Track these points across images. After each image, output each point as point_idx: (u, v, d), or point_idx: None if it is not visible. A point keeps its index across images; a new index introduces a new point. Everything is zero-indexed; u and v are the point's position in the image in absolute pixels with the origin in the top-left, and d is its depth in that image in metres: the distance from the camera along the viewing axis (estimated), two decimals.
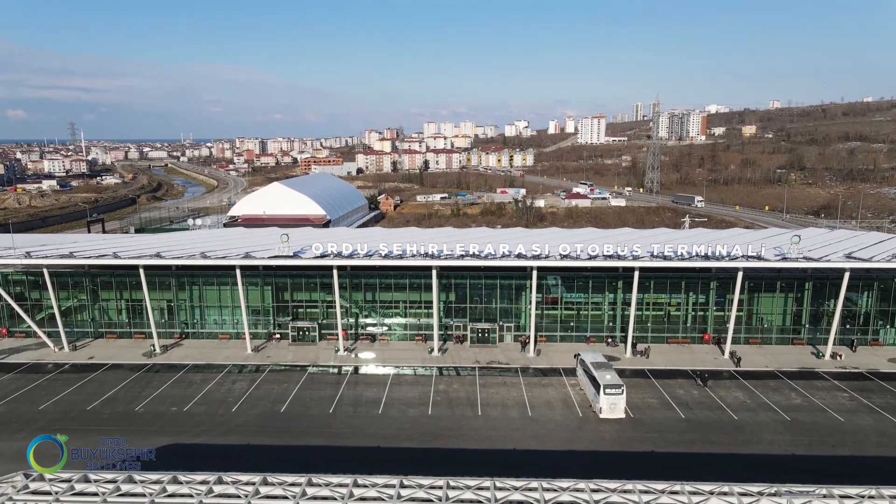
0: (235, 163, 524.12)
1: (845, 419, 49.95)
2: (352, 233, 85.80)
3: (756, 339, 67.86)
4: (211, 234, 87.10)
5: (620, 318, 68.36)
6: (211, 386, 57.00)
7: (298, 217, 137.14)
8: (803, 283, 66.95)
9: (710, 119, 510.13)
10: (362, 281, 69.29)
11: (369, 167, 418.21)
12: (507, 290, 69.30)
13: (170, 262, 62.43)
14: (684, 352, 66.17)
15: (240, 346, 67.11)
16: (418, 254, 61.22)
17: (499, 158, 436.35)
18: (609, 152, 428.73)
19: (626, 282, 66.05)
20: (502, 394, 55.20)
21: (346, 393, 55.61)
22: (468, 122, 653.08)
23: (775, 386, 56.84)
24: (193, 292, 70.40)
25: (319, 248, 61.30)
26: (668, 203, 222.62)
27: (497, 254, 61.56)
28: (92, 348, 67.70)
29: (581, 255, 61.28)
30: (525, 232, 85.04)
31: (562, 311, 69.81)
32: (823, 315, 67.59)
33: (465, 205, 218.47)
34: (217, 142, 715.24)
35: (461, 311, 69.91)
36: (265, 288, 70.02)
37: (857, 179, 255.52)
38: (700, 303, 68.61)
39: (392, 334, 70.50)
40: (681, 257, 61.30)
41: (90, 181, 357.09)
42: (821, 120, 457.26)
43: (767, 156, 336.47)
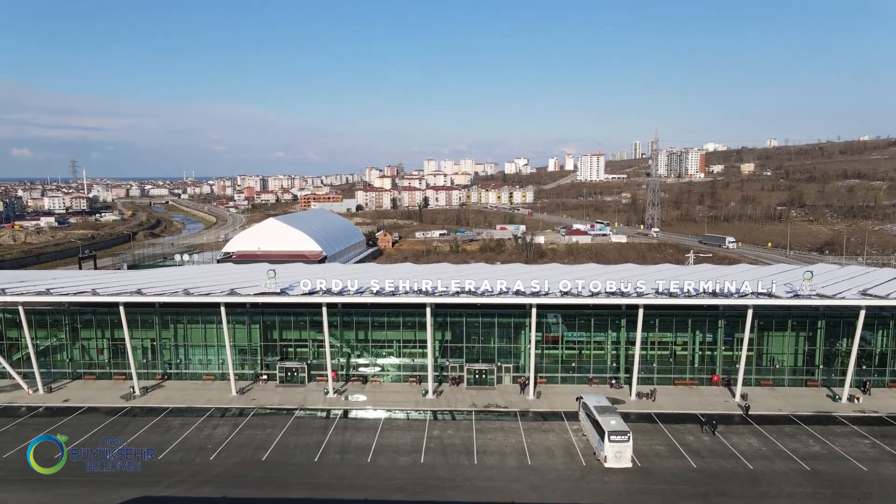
0: (236, 200, 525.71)
1: (869, 468, 46.49)
2: (343, 269, 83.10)
3: (768, 381, 64.47)
4: (196, 269, 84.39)
5: (624, 359, 65.14)
6: (190, 431, 53.52)
7: (294, 253, 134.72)
8: (816, 322, 63.89)
9: (709, 157, 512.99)
10: (354, 319, 66.28)
11: (369, 204, 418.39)
12: (506, 329, 66.25)
13: (151, 299, 59.54)
14: (692, 394, 62.73)
15: (224, 388, 63.73)
16: (412, 290, 58.38)
17: (498, 195, 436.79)
18: (609, 189, 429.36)
19: (629, 320, 63.07)
20: (500, 440, 51.72)
21: (334, 439, 52.14)
22: (468, 160, 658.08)
23: (791, 432, 53.35)
24: (178, 331, 67.32)
25: (308, 285, 58.54)
26: (671, 240, 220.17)
27: (494, 290, 58.77)
28: (68, 390, 64.31)
29: (582, 292, 58.46)
30: (524, 268, 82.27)
31: (563, 350, 66.60)
32: (838, 355, 64.42)
33: (464, 241, 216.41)
34: (219, 179, 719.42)
35: (457, 350, 66.71)
36: (252, 326, 66.97)
37: (858, 216, 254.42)
38: (708, 342, 65.44)
39: (385, 375, 67.14)
40: (687, 294, 58.44)
41: (89, 218, 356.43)
42: (818, 158, 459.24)
43: (767, 193, 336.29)
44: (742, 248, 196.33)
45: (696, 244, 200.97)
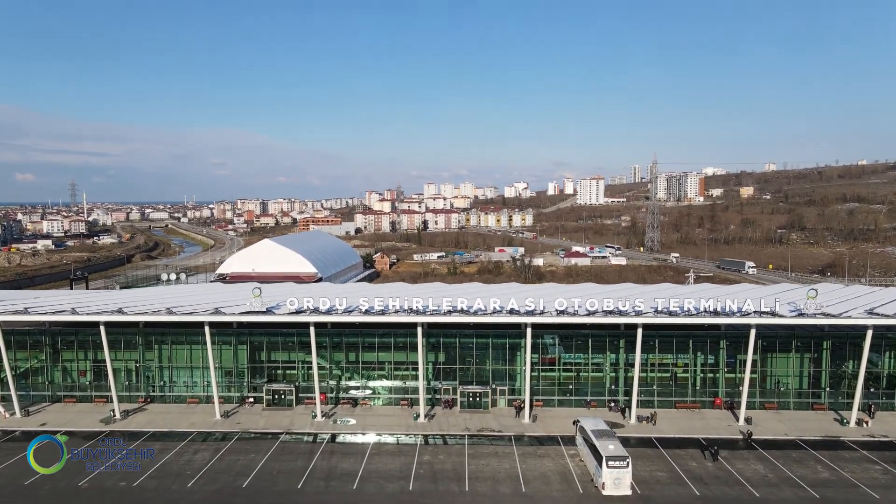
0: (235, 223, 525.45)
1: (881, 496, 44.20)
2: (333, 287, 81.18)
3: (773, 404, 62.13)
4: (182, 289, 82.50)
5: (624, 381, 62.91)
6: (169, 457, 51.11)
7: (289, 275, 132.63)
8: (821, 343, 61.76)
9: (708, 181, 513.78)
10: (344, 340, 64.20)
11: (368, 227, 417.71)
12: (501, 350, 64.11)
13: (132, 318, 57.58)
14: (694, 418, 60.38)
15: (208, 412, 61.34)
16: (402, 309, 56.39)
17: (498, 218, 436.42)
18: (608, 213, 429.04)
19: (628, 340, 61.02)
20: (493, 466, 49.32)
21: (320, 464, 49.75)
22: (468, 184, 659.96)
23: (798, 457, 50.95)
24: (162, 352, 65.19)
25: (295, 303, 56.57)
26: (672, 263, 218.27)
27: (488, 309, 56.81)
28: (47, 413, 61.99)
29: (579, 311, 56.53)
30: (520, 287, 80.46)
31: (560, 372, 64.38)
32: (845, 377, 62.19)
33: (462, 263, 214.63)
34: (219, 203, 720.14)
35: (451, 372, 64.48)
36: (239, 347, 64.83)
37: (858, 239, 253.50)
38: (710, 364, 63.24)
39: (376, 398, 64.82)
40: (687, 313, 56.50)
41: (87, 241, 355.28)
42: (817, 182, 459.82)
43: (767, 216, 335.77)
44: (763, 273, 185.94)
45: (715, 269, 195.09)
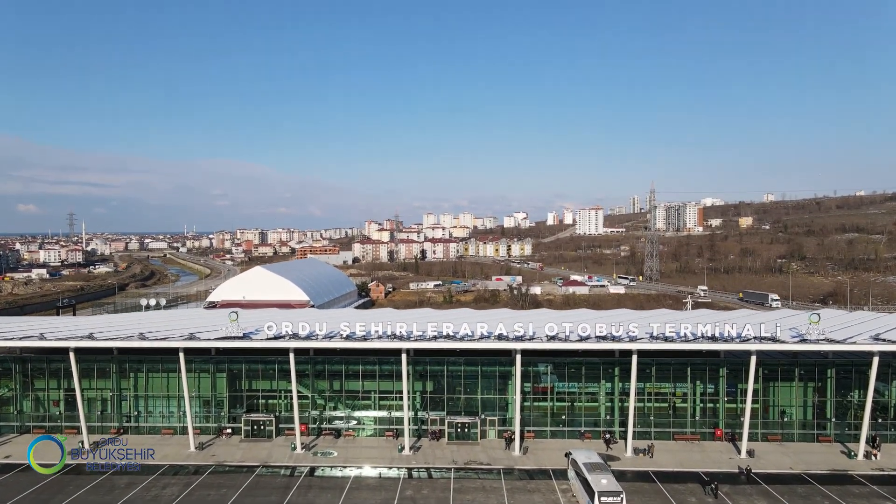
0: (233, 252, 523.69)
1: None
2: (315, 313, 78.66)
3: (776, 436, 59.16)
4: (159, 314, 79.94)
5: (619, 411, 60.05)
6: (136, 492, 48.17)
7: (280, 302, 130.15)
8: (826, 370, 59.06)
9: (706, 211, 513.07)
10: (326, 367, 61.54)
11: (366, 256, 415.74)
12: (491, 379, 61.35)
13: (102, 343, 55.03)
14: (694, 450, 57.35)
15: (183, 443, 58.38)
16: (385, 335, 53.89)
17: (496, 248, 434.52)
18: (607, 243, 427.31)
19: (623, 368, 58.37)
20: (480, 501, 46.35)
21: (295, 500, 46.79)
22: (467, 214, 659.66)
23: (805, 493, 47.94)
24: (138, 380, 62.48)
25: (273, 328, 54.11)
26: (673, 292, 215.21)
27: (475, 334, 54.33)
28: (13, 445, 58.94)
29: (570, 336, 54.07)
30: (511, 313, 77.88)
31: (554, 402, 61.56)
32: (850, 407, 59.35)
33: (459, 292, 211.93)
34: (219, 233, 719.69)
35: (439, 402, 61.64)
36: (218, 375, 62.09)
37: (859, 269, 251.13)
38: (709, 393, 60.43)
39: (360, 429, 61.85)
40: (684, 339, 54.00)
41: (82, 270, 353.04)
42: (816, 212, 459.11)
43: (766, 246, 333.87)
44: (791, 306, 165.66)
45: (737, 303, 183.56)
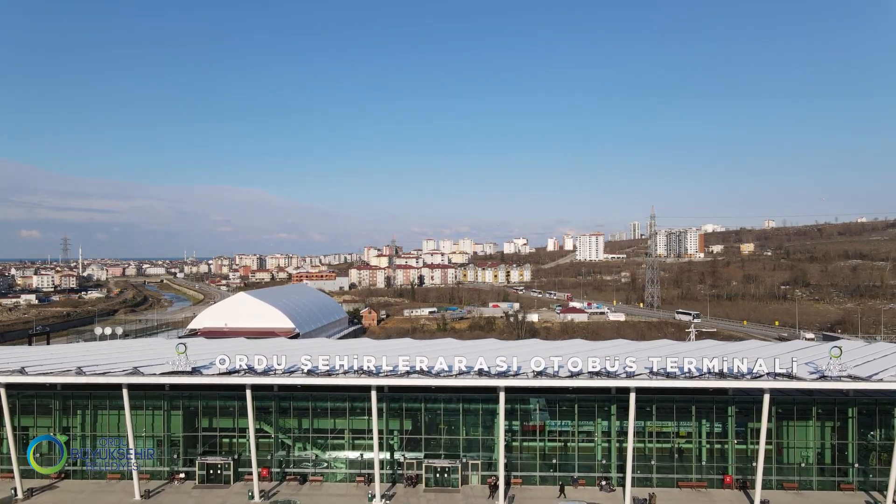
0: (230, 278, 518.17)
1: None
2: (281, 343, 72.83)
3: (792, 483, 52.84)
4: (106, 346, 74.15)
5: (617, 454, 53.90)
6: None
7: (263, 330, 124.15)
8: (846, 409, 52.99)
9: (707, 237, 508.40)
10: (292, 404, 55.63)
11: (362, 282, 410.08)
12: (474, 416, 55.36)
13: (33, 379, 49.23)
14: (701, 499, 51.11)
15: (128, 490, 52.22)
16: (351, 370, 48.08)
17: (495, 274, 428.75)
18: (608, 269, 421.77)
19: (620, 406, 52.45)
20: None
21: None
22: (467, 240, 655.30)
23: None
24: (84, 418, 56.52)
25: (225, 362, 48.38)
26: (672, 318, 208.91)
27: (453, 370, 48.49)
28: None
29: (560, 372, 48.24)
30: (497, 344, 72.13)
31: (545, 442, 55.42)
32: (875, 449, 53.17)
33: (454, 319, 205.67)
34: (217, 258, 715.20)
35: (416, 443, 55.56)
36: (173, 413, 56.17)
37: (865, 296, 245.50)
38: (717, 433, 54.34)
39: (329, 474, 55.65)
40: (688, 375, 48.18)
41: (73, 296, 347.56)
42: (817, 239, 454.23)
43: (769, 272, 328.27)
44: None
45: (741, 330, 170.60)
